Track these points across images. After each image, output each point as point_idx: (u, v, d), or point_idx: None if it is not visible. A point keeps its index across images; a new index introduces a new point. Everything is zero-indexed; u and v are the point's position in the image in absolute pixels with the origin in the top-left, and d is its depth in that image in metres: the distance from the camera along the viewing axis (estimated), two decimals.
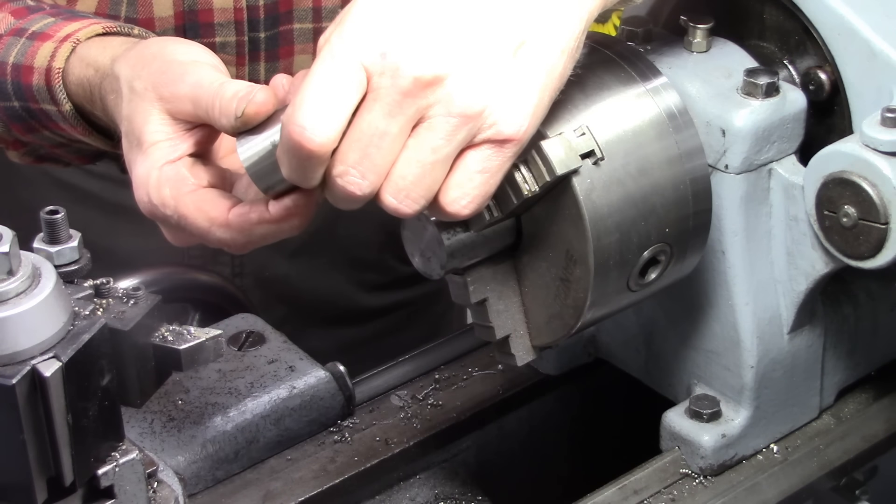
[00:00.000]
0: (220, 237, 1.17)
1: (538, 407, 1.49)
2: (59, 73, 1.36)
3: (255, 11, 1.60)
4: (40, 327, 0.91)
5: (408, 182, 1.05)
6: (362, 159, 1.04)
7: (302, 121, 1.03)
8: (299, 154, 1.04)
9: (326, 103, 1.03)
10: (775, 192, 1.23)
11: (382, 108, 1.03)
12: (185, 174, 1.19)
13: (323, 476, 1.33)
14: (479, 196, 1.07)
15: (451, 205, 1.07)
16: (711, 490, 1.30)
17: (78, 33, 1.37)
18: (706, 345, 1.31)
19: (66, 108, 1.37)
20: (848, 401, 1.41)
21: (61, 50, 1.36)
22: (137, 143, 1.21)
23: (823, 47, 1.22)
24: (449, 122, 1.03)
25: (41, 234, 1.02)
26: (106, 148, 1.43)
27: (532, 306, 1.19)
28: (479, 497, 1.42)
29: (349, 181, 1.05)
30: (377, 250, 1.91)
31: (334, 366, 1.40)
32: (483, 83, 1.04)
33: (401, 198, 1.05)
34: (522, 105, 1.05)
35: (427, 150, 1.04)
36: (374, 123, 1.03)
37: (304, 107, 1.03)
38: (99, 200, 1.78)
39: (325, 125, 1.03)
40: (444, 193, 1.06)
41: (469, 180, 1.06)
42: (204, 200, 1.18)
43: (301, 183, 1.08)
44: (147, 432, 1.30)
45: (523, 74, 1.05)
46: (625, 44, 1.22)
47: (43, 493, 0.93)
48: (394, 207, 1.06)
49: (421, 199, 1.06)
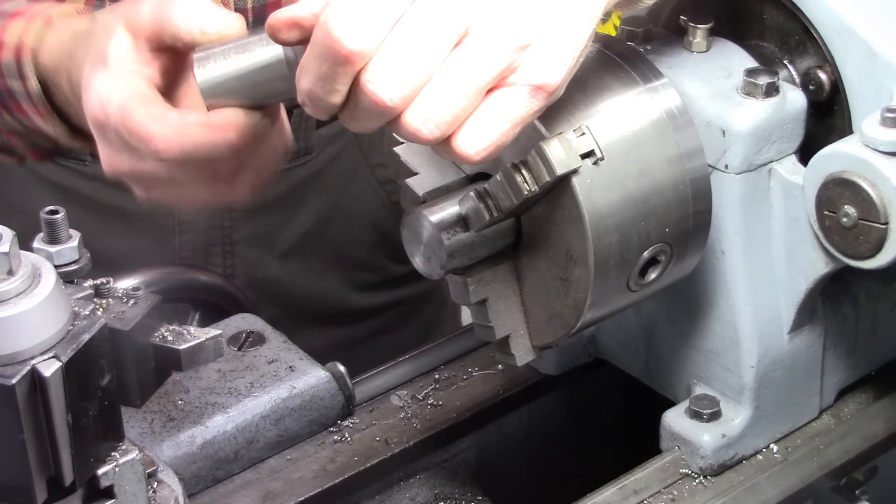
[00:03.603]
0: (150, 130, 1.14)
1: (538, 407, 1.49)
2: (30, 49, 1.36)
3: (243, 14, 1.59)
4: (40, 327, 0.91)
5: (437, 104, 1.00)
6: (398, 67, 0.99)
7: (342, 24, 0.98)
8: (333, 59, 0.99)
9: (368, 5, 0.99)
10: (775, 192, 1.23)
11: (427, 15, 0.99)
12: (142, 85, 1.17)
13: (323, 476, 1.33)
14: (494, 144, 1.02)
15: (464, 145, 1.02)
16: (711, 490, 1.30)
17: (51, 10, 1.37)
18: (706, 345, 1.31)
19: (31, 83, 1.36)
20: (848, 401, 1.41)
21: (33, 26, 1.36)
22: (100, 60, 1.20)
23: (823, 47, 1.22)
24: (494, 43, 1.00)
25: (41, 234, 1.02)
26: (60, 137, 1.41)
27: (532, 306, 1.19)
28: (479, 497, 1.42)
29: (380, 88, 0.99)
30: (369, 250, 1.91)
31: (334, 366, 1.40)
32: (530, 20, 1.01)
33: (423, 119, 1.00)
34: (562, 54, 1.03)
35: (465, 72, 1.00)
36: (416, 30, 0.99)
37: (345, 9, 0.99)
38: (90, 201, 1.78)
39: (365, 29, 0.98)
40: (460, 132, 1.02)
41: (490, 124, 1.02)
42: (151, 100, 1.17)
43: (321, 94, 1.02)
44: (147, 432, 1.30)
45: (564, 25, 1.03)
46: (625, 44, 1.22)
47: (43, 493, 0.93)
48: (414, 130, 1.00)
49: (443, 125, 1.00)
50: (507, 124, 1.02)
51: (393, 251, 1.89)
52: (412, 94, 1.00)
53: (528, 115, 1.03)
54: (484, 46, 1.00)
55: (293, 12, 1.06)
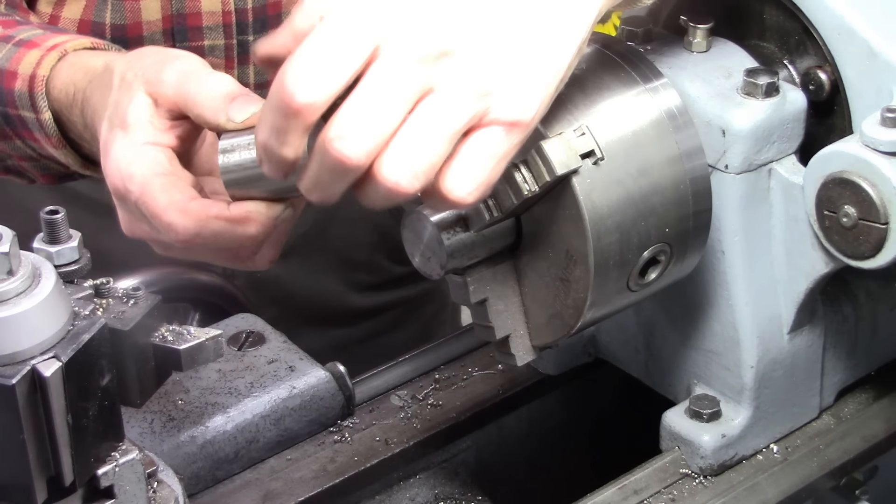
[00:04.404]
0: (171, 220, 1.13)
1: (538, 407, 1.49)
2: (43, 81, 1.34)
3: (243, 14, 1.60)
4: (40, 327, 0.91)
5: (410, 153, 0.99)
6: (361, 123, 0.98)
7: (294, 73, 0.98)
8: (283, 110, 0.99)
9: (324, 60, 0.98)
10: (775, 192, 1.23)
11: (387, 74, 0.99)
12: (162, 160, 1.16)
13: (323, 476, 1.33)
14: (483, 183, 1.03)
15: (454, 190, 1.02)
16: (711, 490, 1.30)
17: (66, 44, 1.36)
18: (706, 345, 1.31)
19: (45, 117, 1.36)
20: (848, 401, 1.41)
21: (48, 58, 1.35)
22: (120, 123, 1.18)
23: (823, 47, 1.22)
24: (457, 94, 1.00)
25: (41, 234, 1.02)
26: (73, 166, 1.42)
27: (532, 306, 1.19)
28: (479, 497, 1.42)
29: (344, 145, 0.98)
30: (369, 250, 1.91)
31: (334, 366, 1.40)
32: (494, 61, 1.02)
33: (401, 169, 0.99)
34: (532, 90, 1.03)
35: (432, 121, 0.99)
36: (378, 89, 0.99)
37: (299, 60, 0.99)
38: (90, 202, 1.78)
39: (318, 82, 0.98)
40: (446, 178, 1.02)
41: (473, 164, 1.02)
42: (173, 183, 1.15)
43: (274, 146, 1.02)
44: (147, 432, 1.30)
45: (535, 60, 1.04)
46: (625, 44, 1.22)
47: (43, 493, 0.93)
48: (391, 182, 1.00)
49: (421, 175, 1.00)
50: (491, 162, 1.03)
51: (393, 251, 1.89)
52: (377, 148, 0.99)
53: (510, 150, 1.04)
54: (450, 96, 1.00)
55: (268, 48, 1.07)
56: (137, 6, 1.56)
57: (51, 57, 1.35)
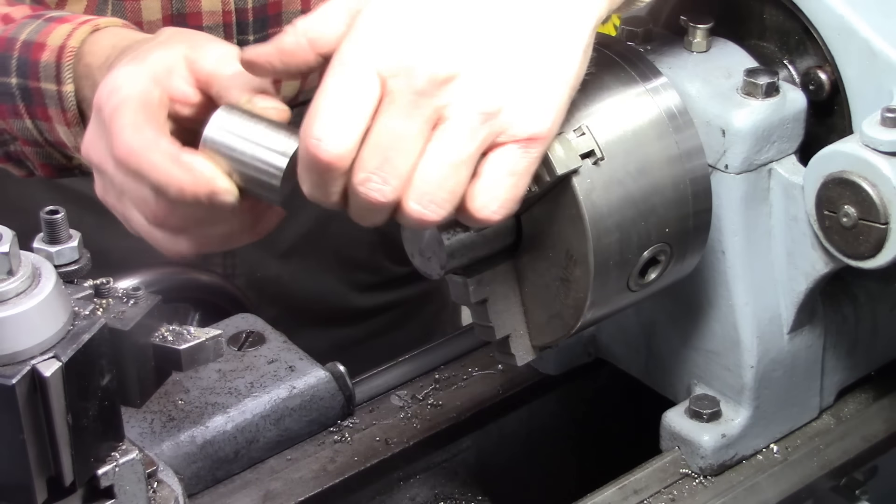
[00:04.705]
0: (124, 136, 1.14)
1: (538, 407, 1.49)
2: (73, 53, 1.34)
3: (243, 14, 1.60)
4: (40, 327, 0.91)
5: (431, 185, 1.02)
6: (383, 164, 1.02)
7: (318, 133, 1.02)
8: (318, 168, 1.03)
9: (340, 112, 1.02)
10: (775, 192, 1.23)
11: (398, 109, 1.01)
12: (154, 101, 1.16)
13: (323, 476, 1.33)
14: (510, 200, 1.05)
15: (482, 210, 1.04)
16: (711, 490, 1.30)
17: (99, 20, 1.36)
18: (706, 345, 1.31)
19: (66, 89, 1.35)
20: (848, 401, 1.41)
21: (80, 30, 1.34)
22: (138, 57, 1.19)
23: (823, 47, 1.22)
24: (467, 119, 1.02)
25: (41, 234, 1.01)
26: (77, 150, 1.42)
27: (532, 306, 1.19)
28: (479, 497, 1.42)
29: (371, 188, 1.02)
30: (369, 250, 1.91)
31: (334, 366, 1.40)
32: (500, 80, 1.03)
33: (425, 202, 1.03)
34: (544, 102, 1.04)
35: (448, 150, 1.02)
36: (392, 126, 1.01)
37: (319, 118, 1.02)
38: (91, 201, 1.77)
39: (340, 135, 1.01)
40: (472, 199, 1.04)
41: (497, 183, 1.04)
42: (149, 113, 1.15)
43: (321, 199, 1.06)
44: (147, 432, 1.30)
45: (542, 72, 1.04)
46: (625, 44, 1.22)
47: (43, 493, 0.93)
48: (418, 215, 1.03)
49: (446, 203, 1.03)
50: (512, 179, 1.05)
51: (393, 252, 1.88)
52: (403, 184, 1.02)
53: (530, 165, 1.05)
54: (461, 122, 1.02)
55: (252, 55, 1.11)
56: (138, 6, 1.56)
57: (83, 29, 1.35)
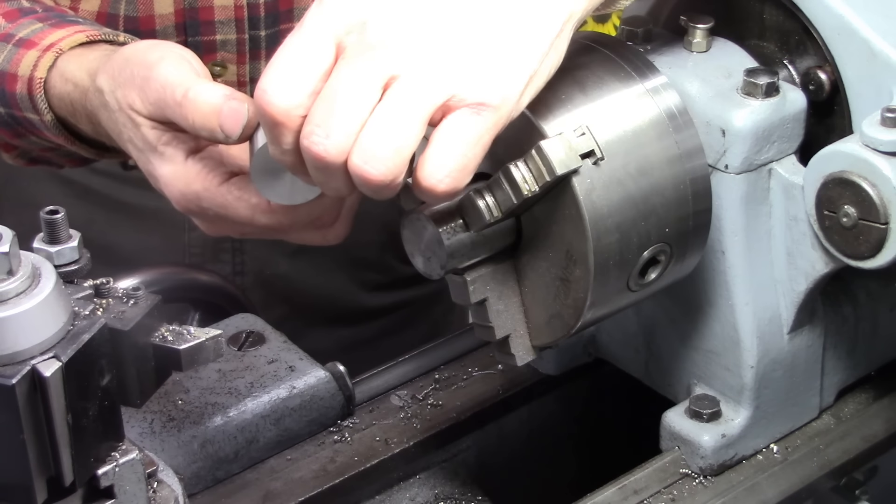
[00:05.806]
0: (264, 223, 1.20)
1: (538, 407, 1.49)
2: (41, 84, 1.36)
3: (255, 9, 1.60)
4: (40, 327, 0.91)
5: (374, 142, 1.01)
6: (327, 118, 1.02)
7: (264, 85, 1.03)
8: (265, 120, 1.05)
9: (289, 68, 1.03)
10: (775, 192, 1.23)
11: (347, 63, 1.02)
12: (209, 165, 1.21)
13: (323, 476, 1.33)
14: (457, 170, 1.03)
15: (428, 178, 1.03)
16: (711, 490, 1.30)
17: (61, 42, 1.37)
18: (706, 345, 1.31)
19: (47, 119, 1.37)
20: (848, 401, 1.41)
21: (44, 59, 1.36)
22: (147, 148, 1.23)
23: (823, 47, 1.22)
24: (417, 78, 1.02)
25: (41, 234, 1.02)
26: (91, 156, 1.43)
27: (532, 306, 1.19)
28: (479, 497, 1.42)
29: (314, 141, 1.02)
30: (378, 250, 1.91)
31: (334, 366, 1.40)
32: (457, 48, 1.03)
33: (367, 157, 1.02)
34: (499, 74, 1.04)
35: (393, 107, 1.02)
36: (341, 81, 1.02)
37: (268, 73, 1.04)
38: (101, 197, 1.78)
39: (286, 88, 1.03)
40: (421, 167, 1.04)
41: (445, 150, 1.03)
42: (240, 188, 1.20)
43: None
44: (147, 432, 1.30)
45: (503, 49, 1.04)
46: (625, 44, 1.22)
47: (43, 493, 0.93)
48: (360, 171, 1.02)
49: (389, 161, 1.02)
50: (461, 147, 1.03)
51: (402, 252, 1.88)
52: (346, 140, 1.02)
53: (482, 134, 1.04)
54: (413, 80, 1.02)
55: None
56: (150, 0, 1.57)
57: (47, 58, 1.36)
